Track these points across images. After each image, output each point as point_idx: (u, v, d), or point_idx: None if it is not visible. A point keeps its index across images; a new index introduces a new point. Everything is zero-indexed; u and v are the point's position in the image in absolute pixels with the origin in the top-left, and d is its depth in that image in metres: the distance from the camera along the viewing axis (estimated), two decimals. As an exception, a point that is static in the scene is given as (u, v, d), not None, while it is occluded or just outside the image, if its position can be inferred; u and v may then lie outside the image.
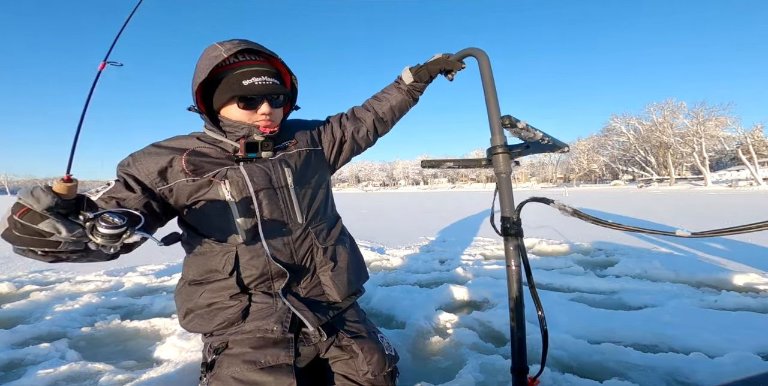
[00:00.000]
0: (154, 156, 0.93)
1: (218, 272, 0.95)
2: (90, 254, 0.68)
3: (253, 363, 0.86)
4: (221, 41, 0.91)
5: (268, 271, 0.96)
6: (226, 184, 0.93)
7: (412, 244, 4.04)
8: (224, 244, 0.95)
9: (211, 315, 0.94)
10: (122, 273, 2.87)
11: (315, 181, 1.08)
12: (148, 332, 1.67)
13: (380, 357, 0.98)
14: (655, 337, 1.42)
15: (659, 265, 2.53)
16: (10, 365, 1.36)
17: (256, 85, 0.90)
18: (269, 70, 0.94)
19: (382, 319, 1.80)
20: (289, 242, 0.99)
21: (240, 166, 0.95)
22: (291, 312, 0.95)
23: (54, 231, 0.53)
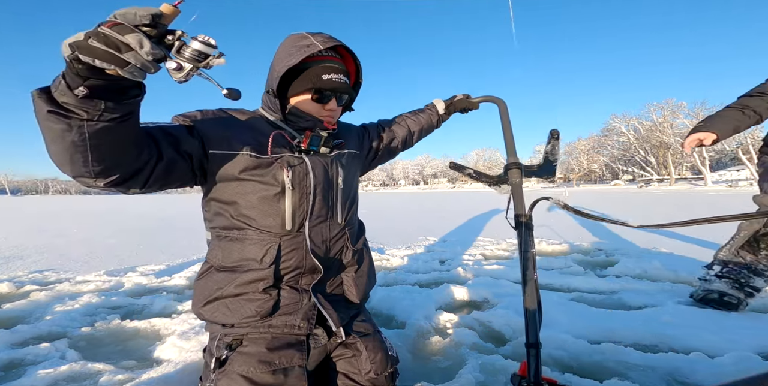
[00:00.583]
0: (223, 119, 0.93)
1: (255, 261, 0.92)
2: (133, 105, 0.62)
3: (267, 364, 0.85)
4: (310, 32, 0.94)
5: (303, 265, 0.96)
6: (289, 170, 0.92)
7: (412, 244, 4.04)
8: (266, 233, 0.93)
9: (236, 306, 0.91)
10: (122, 273, 2.87)
11: (354, 183, 1.12)
12: (148, 332, 1.67)
13: (383, 357, 0.99)
14: (655, 337, 1.42)
15: (659, 265, 2.53)
16: (10, 365, 1.36)
17: (333, 81, 0.94)
18: (344, 69, 0.98)
19: (382, 319, 1.80)
20: (327, 239, 1.00)
21: (304, 157, 0.96)
22: (315, 309, 0.96)
23: (138, 45, 0.50)
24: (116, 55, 0.50)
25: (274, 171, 0.91)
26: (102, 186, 0.71)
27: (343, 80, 0.97)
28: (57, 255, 3.76)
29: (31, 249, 4.09)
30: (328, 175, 0.99)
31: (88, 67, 0.51)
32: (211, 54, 0.54)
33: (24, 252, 3.90)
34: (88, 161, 0.63)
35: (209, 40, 0.54)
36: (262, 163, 0.90)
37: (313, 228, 0.96)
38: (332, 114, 1.00)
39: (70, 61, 0.51)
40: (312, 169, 0.95)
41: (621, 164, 46.22)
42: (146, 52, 0.50)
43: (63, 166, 0.65)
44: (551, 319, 1.61)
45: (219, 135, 0.88)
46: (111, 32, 0.49)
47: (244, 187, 0.91)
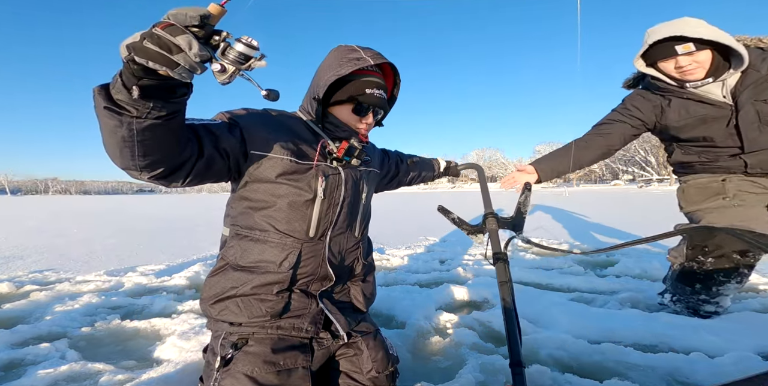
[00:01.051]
0: (266, 120, 0.94)
1: (273, 264, 0.92)
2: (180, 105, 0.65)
3: (272, 364, 0.85)
4: (359, 46, 0.97)
5: (317, 272, 0.98)
6: (323, 180, 0.94)
7: (412, 244, 4.04)
8: (290, 237, 0.93)
9: (247, 305, 0.91)
10: (122, 273, 2.87)
11: (371, 200, 1.16)
12: (148, 332, 1.67)
13: (384, 355, 1.00)
14: (655, 337, 1.42)
15: (659, 265, 2.53)
16: (10, 365, 1.36)
17: (375, 96, 0.98)
18: (384, 86, 1.03)
19: (382, 319, 1.80)
20: (343, 250, 1.04)
21: (340, 168, 0.99)
22: (323, 314, 0.97)
23: (187, 46, 0.53)
24: (168, 56, 0.53)
25: (310, 178, 0.93)
26: (147, 179, 0.75)
27: (383, 96, 1.02)
28: (57, 255, 3.76)
29: (31, 249, 4.09)
30: (357, 189, 1.04)
31: (143, 68, 0.54)
32: (253, 56, 0.57)
33: (24, 252, 3.90)
34: (135, 155, 0.67)
35: (252, 42, 0.56)
36: (300, 168, 0.93)
37: (333, 238, 1.00)
38: (368, 127, 1.04)
39: (126, 62, 0.55)
40: (345, 182, 0.99)
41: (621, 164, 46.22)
42: (195, 53, 0.53)
43: (114, 158, 0.69)
44: (551, 319, 1.61)
45: (261, 136, 0.90)
46: (164, 34, 0.52)
47: (277, 189, 0.92)
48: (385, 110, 1.05)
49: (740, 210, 1.39)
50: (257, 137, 0.89)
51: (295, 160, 0.91)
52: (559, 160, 1.60)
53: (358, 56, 0.93)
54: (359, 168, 1.06)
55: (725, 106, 1.30)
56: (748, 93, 1.25)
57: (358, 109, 0.98)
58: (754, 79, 1.24)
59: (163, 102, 0.61)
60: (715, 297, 1.50)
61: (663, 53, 1.24)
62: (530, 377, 1.17)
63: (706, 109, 1.33)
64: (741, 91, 1.26)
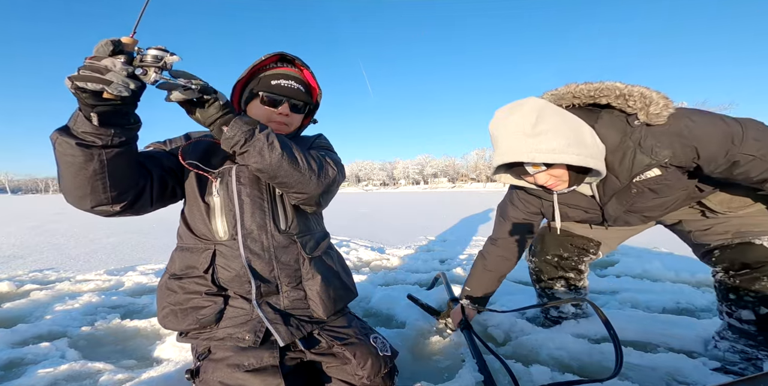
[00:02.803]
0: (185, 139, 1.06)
1: (196, 268, 0.95)
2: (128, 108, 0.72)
3: (237, 366, 0.85)
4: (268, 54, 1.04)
5: (244, 275, 0.95)
6: (217, 180, 0.97)
7: (412, 244, 4.04)
8: (206, 241, 0.97)
9: (185, 313, 0.93)
10: (122, 272, 2.88)
11: None
12: (148, 331, 1.67)
13: (374, 361, 0.96)
14: (655, 337, 1.42)
15: (659, 265, 2.53)
16: (10, 364, 1.36)
17: (282, 86, 1.00)
18: (298, 78, 1.04)
19: (382, 319, 1.80)
20: (269, 247, 0.97)
21: (233, 167, 0.99)
22: (264, 325, 0.93)
23: (111, 65, 0.63)
24: (100, 76, 0.62)
25: (209, 182, 0.98)
26: (119, 210, 0.84)
27: (296, 86, 1.02)
28: (57, 254, 3.76)
29: (31, 249, 4.09)
30: (260, 180, 0.99)
31: (90, 94, 0.64)
32: (164, 55, 0.67)
33: (24, 252, 3.90)
34: (107, 187, 0.77)
35: (160, 47, 0.67)
36: (201, 176, 0.97)
37: (248, 236, 0.95)
38: (285, 119, 1.02)
39: (75, 92, 0.65)
40: (237, 175, 0.97)
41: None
42: (119, 68, 0.63)
43: (83, 198, 0.78)
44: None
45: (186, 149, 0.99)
46: (91, 61, 0.63)
47: (192, 199, 0.99)
48: (304, 101, 1.04)
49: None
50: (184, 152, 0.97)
51: (195, 164, 0.95)
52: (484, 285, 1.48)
53: (259, 60, 1.01)
54: None
55: (595, 205, 1.19)
56: (616, 204, 1.13)
57: (269, 101, 0.99)
58: (615, 187, 1.07)
59: (121, 128, 0.72)
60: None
61: (517, 171, 1.05)
62: (531, 377, 1.17)
63: (586, 200, 1.20)
64: (606, 200, 1.14)
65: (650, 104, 0.93)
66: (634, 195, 1.07)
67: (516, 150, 0.94)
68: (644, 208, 1.13)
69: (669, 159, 0.95)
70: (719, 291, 1.19)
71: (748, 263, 1.09)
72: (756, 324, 1.09)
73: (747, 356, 1.13)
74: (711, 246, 1.19)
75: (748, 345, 1.14)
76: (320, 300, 1.00)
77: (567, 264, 1.47)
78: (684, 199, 1.13)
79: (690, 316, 1.63)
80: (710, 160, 0.94)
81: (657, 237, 3.82)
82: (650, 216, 1.19)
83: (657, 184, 1.02)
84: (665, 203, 1.11)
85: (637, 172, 0.99)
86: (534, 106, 0.96)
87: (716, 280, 1.19)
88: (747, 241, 1.09)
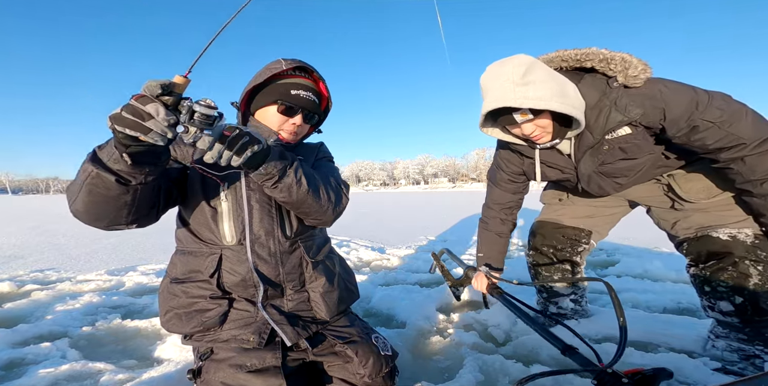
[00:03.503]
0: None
1: (200, 273, 0.96)
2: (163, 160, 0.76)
3: (239, 367, 0.85)
4: (285, 58, 1.01)
5: (250, 279, 0.96)
6: (226, 185, 0.96)
7: (412, 244, 4.04)
8: (211, 246, 0.96)
9: (189, 316, 0.93)
10: (123, 272, 2.88)
11: None
12: (148, 331, 1.67)
13: (375, 360, 0.97)
14: (655, 337, 1.42)
15: (660, 265, 2.53)
16: (11, 364, 1.36)
17: (302, 97, 0.99)
18: (314, 90, 1.04)
19: (382, 319, 1.80)
20: (276, 253, 0.99)
21: (242, 171, 0.97)
22: (269, 326, 0.94)
23: (155, 113, 0.60)
24: (141, 123, 0.60)
25: (216, 186, 0.96)
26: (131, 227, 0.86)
27: (312, 98, 1.01)
28: (58, 254, 3.76)
29: (32, 249, 4.10)
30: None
31: (126, 136, 0.62)
32: (214, 116, 0.65)
33: (25, 252, 3.91)
34: (130, 214, 0.79)
35: (210, 103, 0.65)
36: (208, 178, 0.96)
37: (256, 242, 0.96)
38: (296, 129, 1.02)
39: (113, 131, 0.63)
40: (246, 181, 0.97)
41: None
42: (162, 118, 0.61)
43: (100, 220, 0.79)
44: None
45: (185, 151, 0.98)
46: (136, 104, 0.60)
47: (196, 201, 0.97)
48: (317, 114, 1.05)
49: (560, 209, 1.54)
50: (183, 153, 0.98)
51: (202, 168, 0.95)
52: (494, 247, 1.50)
53: (277, 66, 0.97)
54: None
55: (571, 164, 1.23)
56: (588, 161, 1.17)
57: (285, 110, 0.98)
58: (589, 143, 1.12)
59: (152, 166, 0.73)
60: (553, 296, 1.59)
61: (504, 120, 1.09)
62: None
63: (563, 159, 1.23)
64: (579, 156, 1.17)
65: (629, 67, 1.01)
66: (605, 153, 1.13)
67: (505, 97, 1.00)
68: (614, 170, 1.18)
69: (639, 117, 1.02)
70: (695, 285, 1.22)
71: (711, 254, 1.15)
72: (737, 316, 1.12)
73: (745, 354, 1.14)
74: (680, 239, 1.25)
75: (742, 341, 1.15)
76: (323, 302, 1.03)
77: (562, 255, 1.51)
78: (650, 166, 1.18)
79: (691, 316, 1.63)
80: (674, 122, 1.00)
81: (657, 237, 3.82)
82: (620, 183, 1.23)
83: (626, 142, 1.09)
84: (633, 167, 1.16)
85: (610, 127, 1.06)
86: (524, 60, 1.02)
87: (690, 275, 1.23)
88: (706, 234, 1.16)
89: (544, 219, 1.57)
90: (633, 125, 1.05)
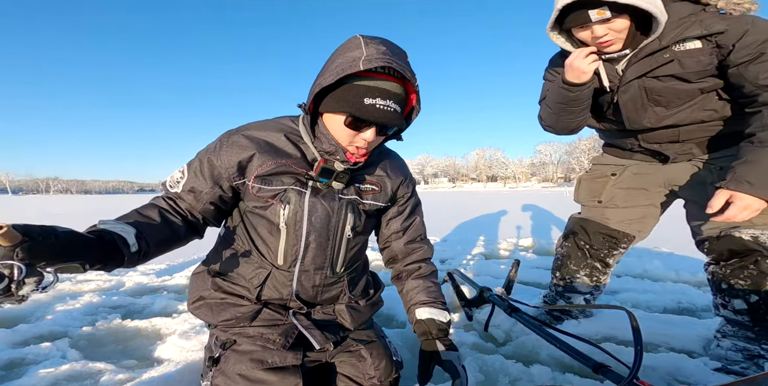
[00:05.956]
0: (237, 148, 0.87)
1: (243, 278, 0.95)
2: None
3: (260, 362, 0.85)
4: (368, 39, 0.78)
5: (288, 299, 0.96)
6: (286, 209, 0.88)
7: (413, 244, 4.04)
8: (262, 259, 0.94)
9: (220, 308, 0.93)
10: (123, 272, 2.88)
11: (368, 231, 1.06)
12: (149, 331, 1.67)
13: (388, 363, 0.97)
14: (655, 337, 1.42)
15: (660, 265, 2.53)
16: (11, 364, 1.36)
17: (377, 109, 0.77)
18: (398, 94, 0.80)
19: (383, 319, 1.80)
20: (320, 285, 0.97)
21: (306, 194, 0.88)
22: (297, 329, 0.94)
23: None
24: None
25: (274, 207, 0.89)
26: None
27: (392, 108, 0.78)
28: (58, 254, 3.76)
29: (32, 249, 4.09)
30: (330, 222, 0.91)
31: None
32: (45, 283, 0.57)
33: (25, 252, 3.90)
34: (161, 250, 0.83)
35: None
36: (271, 191, 0.88)
37: (304, 273, 0.94)
38: (366, 145, 0.84)
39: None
40: (309, 213, 0.88)
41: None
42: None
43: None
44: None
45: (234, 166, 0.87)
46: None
47: (255, 212, 0.92)
48: (396, 125, 0.83)
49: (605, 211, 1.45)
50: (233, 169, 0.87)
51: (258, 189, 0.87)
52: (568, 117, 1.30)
53: (354, 56, 0.75)
54: (342, 194, 0.92)
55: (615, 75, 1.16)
56: (639, 67, 1.09)
57: (353, 123, 0.79)
58: (650, 49, 1.06)
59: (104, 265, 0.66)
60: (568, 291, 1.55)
61: (575, 20, 1.03)
62: (531, 377, 1.17)
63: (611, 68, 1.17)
64: (633, 60, 1.09)
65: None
66: (663, 62, 1.06)
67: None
68: (660, 90, 1.10)
69: (718, 34, 0.99)
70: (713, 282, 1.22)
71: (734, 252, 1.14)
72: (749, 314, 1.12)
73: (749, 354, 1.14)
74: (703, 237, 1.23)
75: (748, 340, 1.15)
76: (349, 314, 1.01)
77: (596, 254, 1.47)
78: (694, 104, 1.11)
79: (691, 316, 1.63)
80: (746, 45, 0.97)
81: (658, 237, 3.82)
82: (657, 113, 1.15)
83: (690, 57, 1.03)
84: (680, 93, 1.09)
85: (683, 37, 1.02)
86: None
87: (709, 272, 1.23)
88: (729, 234, 1.15)
89: (590, 217, 1.48)
90: (707, 40, 1.01)
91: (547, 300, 1.64)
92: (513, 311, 1.32)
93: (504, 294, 1.52)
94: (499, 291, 1.54)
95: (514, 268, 1.61)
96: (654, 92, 1.12)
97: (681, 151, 1.23)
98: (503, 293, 1.53)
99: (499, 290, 1.56)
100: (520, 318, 1.26)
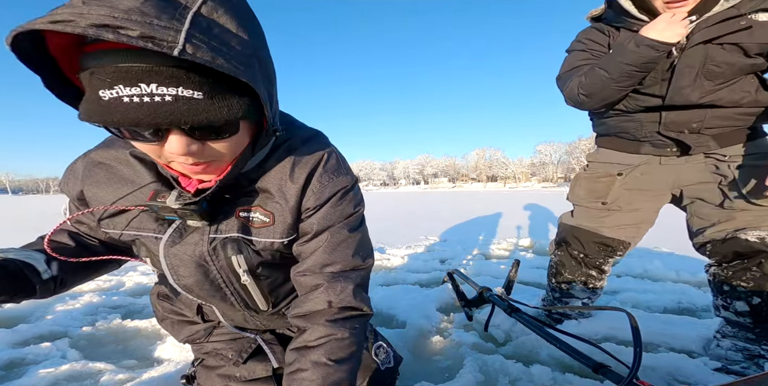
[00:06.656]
0: (72, 179, 0.69)
1: (183, 303, 0.90)
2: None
3: (227, 377, 0.83)
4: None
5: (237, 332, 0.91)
6: (149, 262, 0.71)
7: (413, 244, 4.04)
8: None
9: (179, 327, 0.92)
10: (123, 272, 2.87)
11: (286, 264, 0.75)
12: (149, 331, 1.67)
13: (374, 376, 0.91)
14: (656, 337, 1.42)
15: (660, 265, 2.52)
16: (11, 364, 1.36)
17: (125, 104, 0.41)
18: (169, 68, 0.40)
19: (382, 319, 1.80)
20: (259, 322, 0.88)
21: (162, 241, 0.65)
22: (256, 342, 0.89)
23: None
24: None
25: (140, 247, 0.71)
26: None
27: (159, 97, 0.40)
28: (58, 254, 3.76)
29: (32, 249, 4.09)
30: (209, 273, 0.68)
31: None
32: None
33: (25, 252, 3.90)
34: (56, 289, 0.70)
35: None
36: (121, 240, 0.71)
37: (225, 314, 0.84)
38: (186, 160, 0.50)
39: None
40: (171, 270, 0.67)
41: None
42: None
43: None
44: (552, 319, 1.61)
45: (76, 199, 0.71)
46: None
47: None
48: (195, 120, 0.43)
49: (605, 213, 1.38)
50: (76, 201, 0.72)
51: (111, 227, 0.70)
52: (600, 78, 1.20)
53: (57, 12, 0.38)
54: (216, 233, 0.65)
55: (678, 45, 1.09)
56: (708, 31, 1.04)
57: (132, 135, 0.47)
58: (727, 15, 1.01)
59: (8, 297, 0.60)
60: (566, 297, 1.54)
61: None
62: (531, 377, 1.17)
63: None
64: (703, 25, 1.04)
65: None
66: (738, 28, 1.01)
67: None
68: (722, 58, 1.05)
69: None
70: (714, 284, 1.21)
71: (737, 254, 1.13)
72: (751, 316, 1.11)
73: (750, 354, 1.14)
74: (706, 239, 1.21)
75: (748, 340, 1.15)
76: None
77: (591, 262, 1.44)
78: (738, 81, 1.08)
79: (691, 316, 1.63)
80: None
81: (658, 237, 3.82)
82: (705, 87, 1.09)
83: (762, 28, 1.00)
84: (733, 67, 1.05)
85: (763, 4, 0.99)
86: None
87: (710, 274, 1.22)
88: (735, 236, 1.14)
89: (582, 225, 1.43)
90: None
91: (545, 303, 1.64)
92: (513, 311, 1.32)
93: (504, 294, 1.51)
94: (499, 291, 1.54)
95: (514, 268, 1.61)
96: (713, 61, 1.07)
97: (698, 143, 1.18)
98: (503, 293, 1.53)
99: (499, 290, 1.56)
100: (520, 318, 1.26)
